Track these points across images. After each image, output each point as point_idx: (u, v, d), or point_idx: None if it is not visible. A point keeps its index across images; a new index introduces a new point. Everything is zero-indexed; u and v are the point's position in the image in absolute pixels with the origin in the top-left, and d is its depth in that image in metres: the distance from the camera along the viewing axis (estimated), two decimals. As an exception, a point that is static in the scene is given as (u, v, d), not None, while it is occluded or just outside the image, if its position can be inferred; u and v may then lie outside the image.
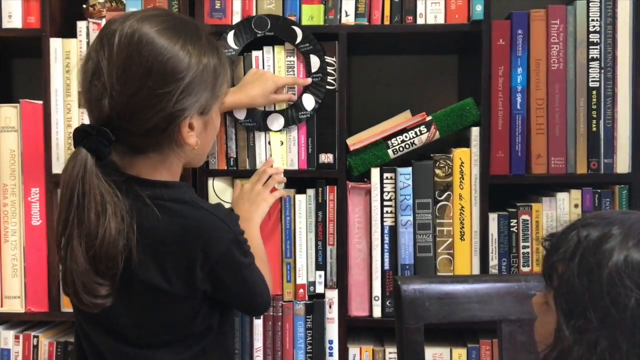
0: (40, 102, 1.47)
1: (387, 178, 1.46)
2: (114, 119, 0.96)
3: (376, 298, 1.47)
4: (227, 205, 1.45)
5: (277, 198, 1.43)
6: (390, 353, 1.46)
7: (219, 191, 1.48)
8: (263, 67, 1.45)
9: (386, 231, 1.46)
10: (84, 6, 1.51)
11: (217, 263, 1.02)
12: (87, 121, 1.03)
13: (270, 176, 1.42)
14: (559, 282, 0.74)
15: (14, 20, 1.48)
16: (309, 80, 1.44)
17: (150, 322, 1.05)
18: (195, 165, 1.18)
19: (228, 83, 1.09)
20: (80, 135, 0.97)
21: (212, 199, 1.47)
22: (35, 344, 1.50)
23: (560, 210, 1.44)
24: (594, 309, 0.70)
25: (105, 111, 0.96)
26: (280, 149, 1.46)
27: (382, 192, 1.46)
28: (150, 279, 1.00)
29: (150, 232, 0.99)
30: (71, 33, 1.46)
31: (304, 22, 1.45)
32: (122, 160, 1.03)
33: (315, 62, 1.44)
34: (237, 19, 1.45)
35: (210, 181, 1.47)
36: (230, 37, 1.44)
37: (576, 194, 1.44)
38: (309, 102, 1.46)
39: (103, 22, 1.43)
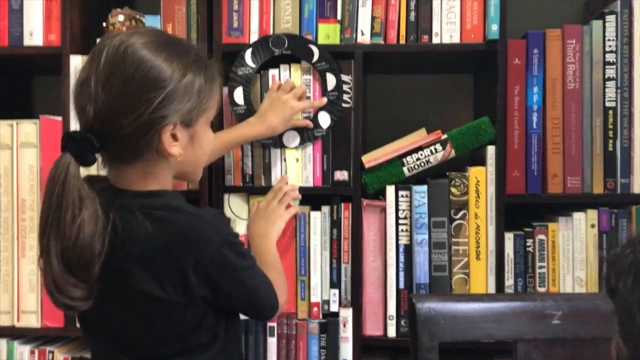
0: (60, 118, 1.49)
1: (402, 196, 1.46)
2: (97, 125, 0.99)
3: (391, 317, 1.46)
4: (243, 222, 1.47)
5: (292, 214, 1.43)
6: (404, 372, 1.46)
7: (235, 208, 1.49)
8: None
9: (401, 250, 1.46)
10: (104, 24, 1.53)
11: (210, 266, 1.02)
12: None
13: (285, 193, 1.43)
14: (617, 299, 0.73)
15: (35, 38, 1.51)
16: (325, 100, 1.45)
17: (155, 333, 1.05)
18: (190, 180, 1.20)
19: (217, 101, 1.10)
20: (65, 141, 1.00)
21: (228, 216, 1.46)
22: (50, 359, 1.51)
23: (576, 230, 1.44)
24: None
25: (89, 118, 0.99)
26: (296, 166, 1.47)
27: (397, 210, 1.46)
28: (146, 289, 1.01)
29: (141, 242, 1.00)
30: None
31: (321, 41, 1.47)
32: (113, 173, 1.06)
33: (331, 80, 1.45)
34: (254, 37, 1.47)
35: (226, 197, 1.49)
36: (247, 55, 1.45)
37: (593, 214, 1.44)
38: (324, 119, 1.46)
39: (122, 40, 1.46)
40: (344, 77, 1.46)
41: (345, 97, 1.46)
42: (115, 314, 1.04)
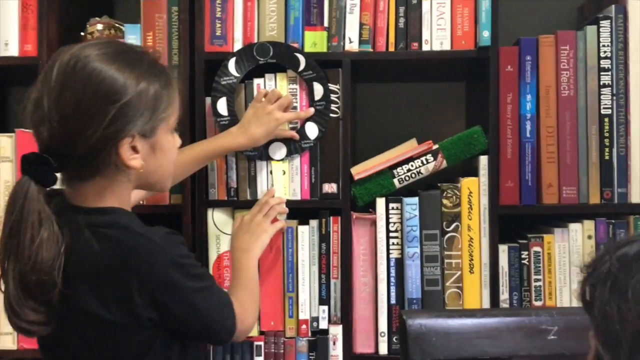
0: (36, 131, 1.49)
1: (393, 208, 1.46)
2: (53, 146, 1.00)
3: (382, 334, 1.46)
4: (228, 238, 1.46)
5: (278, 229, 1.42)
6: (396, 392, 1.45)
7: (219, 222, 1.48)
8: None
9: (392, 264, 1.46)
10: (82, 34, 1.53)
11: (156, 288, 1.01)
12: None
13: (271, 207, 1.42)
14: (594, 309, 0.73)
15: (11, 48, 1.51)
16: (312, 110, 1.45)
17: (105, 355, 1.05)
18: (158, 189, 1.19)
19: (177, 107, 1.10)
20: (23, 163, 1.01)
21: (212, 231, 1.47)
22: (27, 381, 1.50)
23: (573, 241, 1.44)
24: (625, 338, 0.69)
25: (44, 138, 1.00)
26: (283, 179, 1.47)
27: (387, 223, 1.46)
28: (92, 309, 1.01)
29: (87, 261, 1.01)
30: (69, 61, 1.48)
31: (307, 49, 1.47)
32: (71, 189, 1.06)
33: (318, 89, 1.45)
34: (238, 46, 1.47)
35: (209, 212, 1.48)
36: (231, 64, 1.45)
37: (589, 224, 1.44)
38: (312, 130, 1.46)
39: (101, 49, 1.45)
40: (332, 87, 1.46)
41: (334, 107, 1.46)
42: (66, 335, 1.04)
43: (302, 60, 1.44)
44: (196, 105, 1.46)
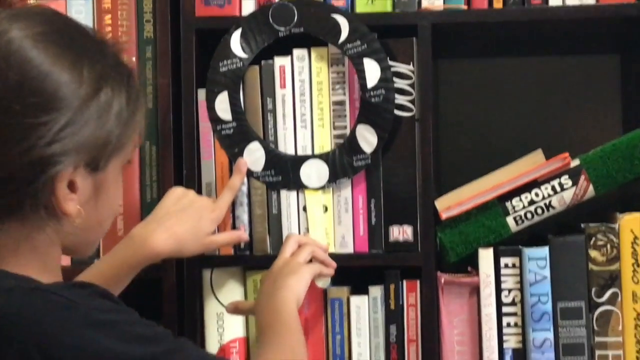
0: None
1: (506, 266, 1.42)
2: None
3: None
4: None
5: (316, 273, 1.38)
6: None
7: (222, 291, 1.43)
8: (293, 83, 1.41)
9: (508, 358, 1.42)
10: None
11: None
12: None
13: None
14: None
15: None
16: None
17: None
18: (78, 254, 1.17)
19: (138, 133, 1.10)
20: None
21: (211, 305, 1.43)
22: None
23: None
24: None
25: None
26: (324, 219, 1.43)
27: (499, 290, 1.42)
28: None
29: None
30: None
31: (359, 8, 1.43)
32: None
33: (372, 70, 1.39)
34: (249, 7, 1.44)
35: (206, 275, 1.44)
36: (235, 39, 1.42)
37: None
38: (366, 138, 1.40)
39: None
40: (400, 66, 1.41)
41: (402, 99, 1.41)
42: None
43: (345, 25, 1.39)
44: (183, 102, 1.44)
